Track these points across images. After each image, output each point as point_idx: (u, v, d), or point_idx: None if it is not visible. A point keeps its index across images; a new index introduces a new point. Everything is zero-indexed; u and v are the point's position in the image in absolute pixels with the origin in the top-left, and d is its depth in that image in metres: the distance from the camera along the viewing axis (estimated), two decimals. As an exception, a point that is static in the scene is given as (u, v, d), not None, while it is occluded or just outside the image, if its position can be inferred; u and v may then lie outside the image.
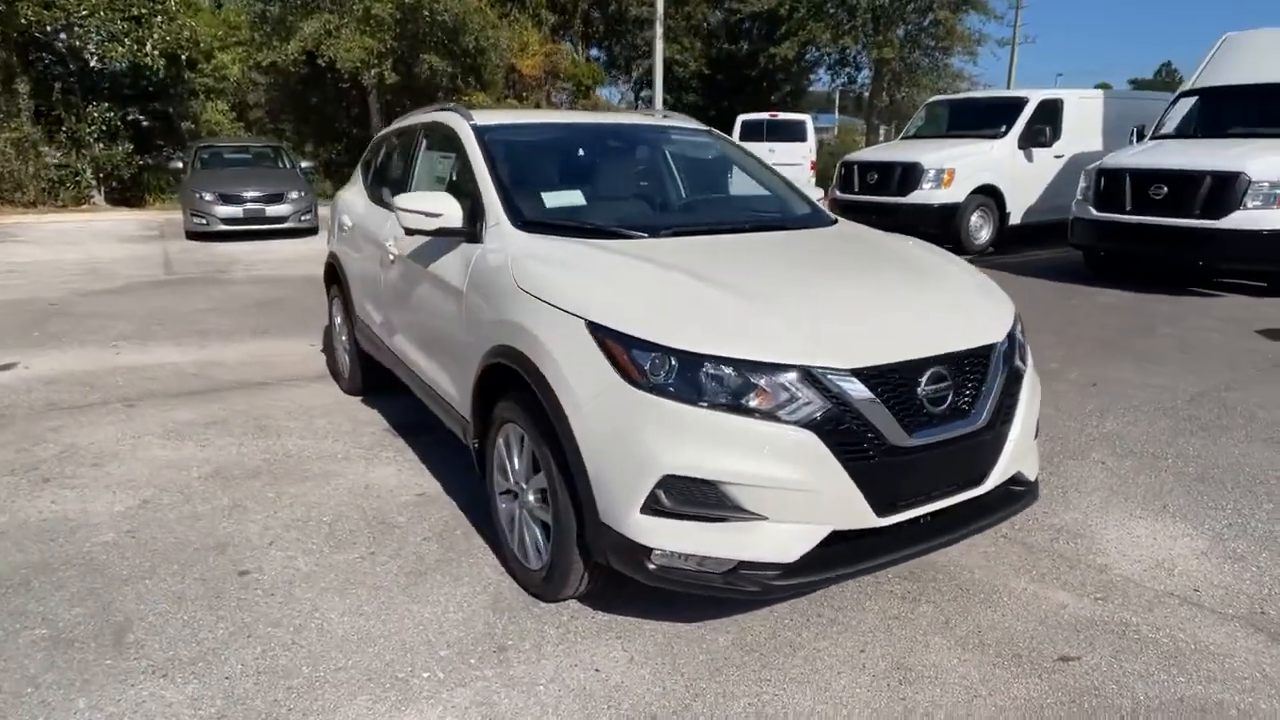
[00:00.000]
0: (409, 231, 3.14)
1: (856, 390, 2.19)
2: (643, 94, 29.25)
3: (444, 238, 3.15)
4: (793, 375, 2.16)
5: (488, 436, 2.89)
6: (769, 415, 2.15)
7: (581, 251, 2.77)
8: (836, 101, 40.76)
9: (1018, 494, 2.65)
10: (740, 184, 3.96)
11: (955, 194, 10.39)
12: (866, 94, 25.94)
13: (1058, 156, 11.07)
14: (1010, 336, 2.59)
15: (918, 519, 2.37)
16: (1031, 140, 10.82)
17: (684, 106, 27.82)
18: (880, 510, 2.25)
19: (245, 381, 5.23)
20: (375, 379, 4.66)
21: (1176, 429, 4.33)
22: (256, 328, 6.71)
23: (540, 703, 2.23)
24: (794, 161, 16.36)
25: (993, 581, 2.84)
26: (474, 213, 3.08)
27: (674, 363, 2.19)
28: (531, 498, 2.66)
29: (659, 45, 21.41)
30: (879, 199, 10.83)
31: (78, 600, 2.70)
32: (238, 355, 5.86)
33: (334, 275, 4.88)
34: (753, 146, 8.72)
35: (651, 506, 2.19)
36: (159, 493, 3.55)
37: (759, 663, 2.40)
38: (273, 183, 12.76)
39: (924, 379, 2.29)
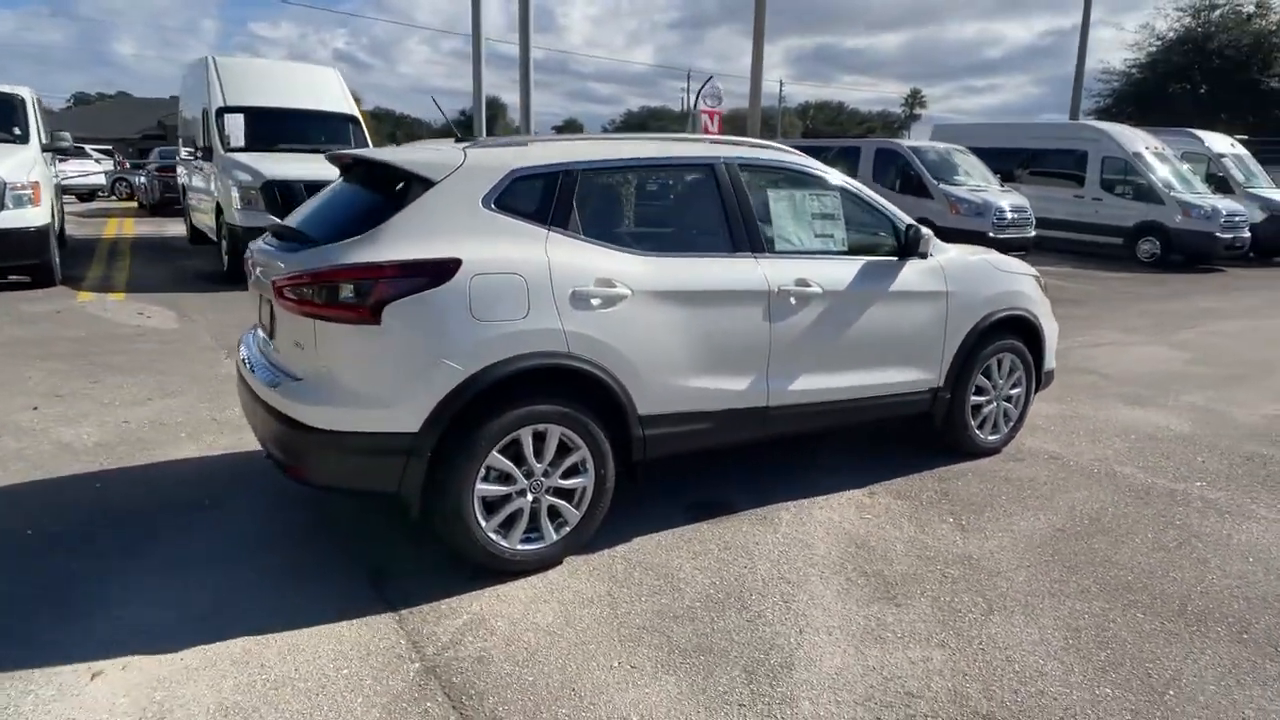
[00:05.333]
0: (922, 254, 4.13)
1: None
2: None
3: (868, 262, 3.99)
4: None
5: (966, 376, 4.33)
6: None
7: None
8: None
9: None
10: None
11: None
12: None
13: None
14: None
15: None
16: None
17: None
18: None
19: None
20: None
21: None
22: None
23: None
24: None
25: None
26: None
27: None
28: (1012, 391, 4.60)
29: None
30: None
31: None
32: None
33: (570, 379, 3.13)
34: None
35: None
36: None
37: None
38: None
39: None
